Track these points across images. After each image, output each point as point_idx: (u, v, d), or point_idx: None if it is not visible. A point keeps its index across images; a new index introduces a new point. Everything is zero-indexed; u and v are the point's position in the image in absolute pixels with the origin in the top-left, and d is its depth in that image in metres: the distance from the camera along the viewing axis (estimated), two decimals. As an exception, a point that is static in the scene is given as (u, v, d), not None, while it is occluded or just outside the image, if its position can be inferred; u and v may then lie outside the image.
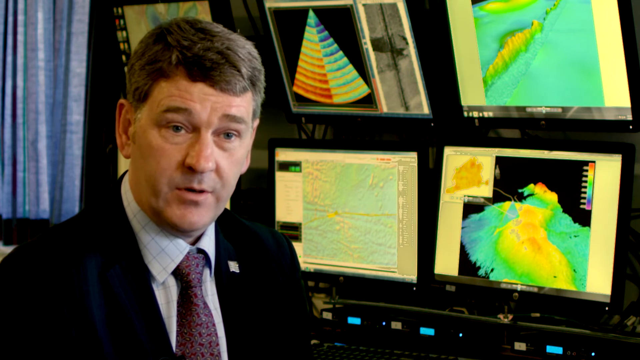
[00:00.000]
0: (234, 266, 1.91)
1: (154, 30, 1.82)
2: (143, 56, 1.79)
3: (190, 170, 1.76)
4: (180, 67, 1.75)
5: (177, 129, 1.76)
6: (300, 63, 3.18)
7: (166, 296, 1.82)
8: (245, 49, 1.79)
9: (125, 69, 1.87)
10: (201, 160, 1.75)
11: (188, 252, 1.84)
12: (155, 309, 1.79)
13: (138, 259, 1.81)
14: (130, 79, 1.81)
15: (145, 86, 1.77)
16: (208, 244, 1.87)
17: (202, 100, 1.75)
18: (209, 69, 1.75)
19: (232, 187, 1.83)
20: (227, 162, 1.79)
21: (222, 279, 1.88)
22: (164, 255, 1.82)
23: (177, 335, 1.81)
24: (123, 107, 1.84)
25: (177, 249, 1.83)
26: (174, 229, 1.81)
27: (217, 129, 1.77)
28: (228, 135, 1.79)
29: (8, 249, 4.17)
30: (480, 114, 2.89)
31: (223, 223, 1.94)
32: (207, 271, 1.87)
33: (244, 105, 1.79)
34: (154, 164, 1.77)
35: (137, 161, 1.81)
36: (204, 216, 1.80)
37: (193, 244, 1.85)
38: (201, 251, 1.86)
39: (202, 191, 1.78)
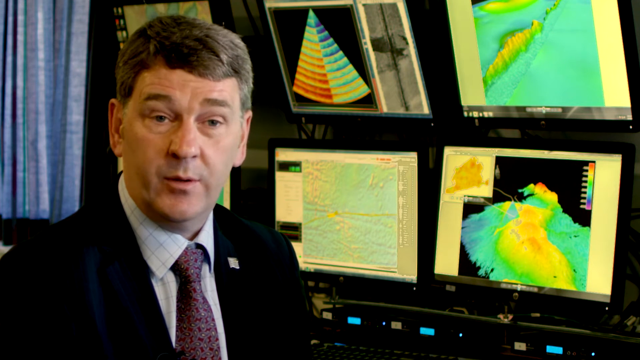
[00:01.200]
0: (233, 262, 1.91)
1: (137, 29, 1.84)
2: (125, 53, 1.81)
3: (174, 157, 1.76)
4: (158, 56, 1.77)
5: (160, 118, 1.77)
6: (300, 63, 3.18)
7: (165, 292, 1.82)
8: (227, 38, 1.80)
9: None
10: (183, 145, 1.75)
11: (186, 247, 1.84)
12: (154, 304, 1.79)
13: (137, 255, 1.81)
14: (116, 77, 1.84)
15: (129, 79, 1.79)
16: (206, 239, 1.87)
17: (182, 87, 1.76)
18: (186, 55, 1.76)
19: (221, 175, 1.82)
20: (212, 149, 1.79)
21: (222, 275, 1.88)
22: (162, 250, 1.82)
23: (176, 331, 1.81)
24: (114, 106, 1.86)
25: (176, 244, 1.83)
26: (166, 220, 1.81)
27: (200, 115, 1.78)
28: (213, 122, 1.79)
29: (8, 249, 4.17)
30: (480, 114, 2.89)
31: (221, 220, 1.94)
32: (206, 267, 1.87)
33: (227, 90, 1.79)
34: (141, 154, 1.77)
35: (127, 156, 1.82)
36: (194, 205, 1.80)
37: (191, 239, 1.85)
38: (200, 247, 1.86)
39: (189, 180, 1.78)
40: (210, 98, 1.77)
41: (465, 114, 2.91)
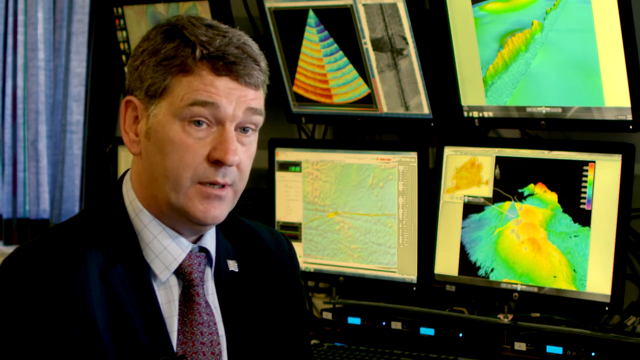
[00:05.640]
0: (233, 265, 1.91)
1: (159, 27, 1.82)
2: (157, 53, 1.79)
3: (215, 164, 1.77)
4: (204, 62, 1.76)
5: (199, 123, 1.77)
6: (300, 63, 3.18)
7: (167, 295, 1.82)
8: (255, 45, 1.83)
9: (126, 68, 1.87)
10: (230, 154, 1.76)
11: (190, 251, 1.84)
12: (156, 308, 1.79)
13: (140, 258, 1.81)
14: (140, 76, 1.80)
15: (164, 82, 1.77)
16: (210, 242, 1.87)
17: (228, 95, 1.77)
18: (232, 63, 1.76)
19: (246, 180, 1.85)
20: (245, 156, 1.81)
21: (222, 277, 1.88)
22: (166, 254, 1.82)
23: (178, 334, 1.81)
24: (130, 104, 1.83)
25: (180, 248, 1.83)
26: (195, 224, 1.81)
27: (240, 123, 1.79)
28: (244, 130, 1.81)
29: (8, 249, 4.18)
30: (480, 114, 2.89)
31: (223, 222, 1.94)
32: (208, 270, 1.87)
33: (261, 98, 1.82)
34: (176, 158, 1.77)
35: (153, 157, 1.79)
36: (224, 210, 1.82)
37: (195, 242, 1.85)
38: (203, 250, 1.86)
39: (223, 185, 1.79)
40: (252, 107, 1.79)
41: (465, 114, 2.91)
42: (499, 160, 2.85)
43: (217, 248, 1.89)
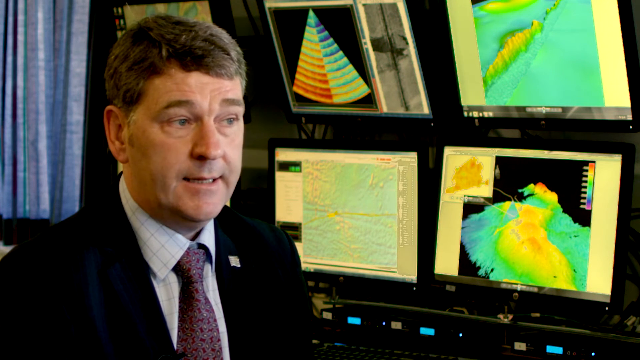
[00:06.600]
0: (234, 261, 1.91)
1: (128, 32, 1.82)
2: (127, 58, 1.79)
3: (199, 159, 1.77)
4: (172, 60, 1.76)
5: (179, 122, 1.77)
6: (300, 63, 3.18)
7: (167, 293, 1.82)
8: (224, 34, 1.82)
9: (105, 75, 1.86)
10: (211, 147, 1.76)
11: (188, 248, 1.84)
12: (156, 306, 1.79)
13: (138, 256, 1.81)
14: (116, 84, 1.81)
15: (137, 86, 1.78)
16: (208, 238, 1.87)
17: (201, 90, 1.76)
18: (201, 56, 1.76)
19: (238, 172, 1.84)
20: (230, 148, 1.81)
21: (223, 274, 1.88)
22: (164, 252, 1.82)
23: (178, 331, 1.81)
24: (111, 113, 1.84)
25: (177, 245, 1.83)
26: (188, 221, 1.81)
27: (218, 115, 1.79)
28: (228, 121, 1.80)
29: (8, 249, 4.17)
30: (480, 114, 2.89)
31: (222, 218, 1.94)
32: (208, 266, 1.87)
33: (238, 88, 1.81)
34: (159, 160, 1.77)
35: (139, 162, 1.80)
36: (217, 204, 1.81)
37: (193, 239, 1.86)
38: (202, 246, 1.86)
39: (213, 180, 1.79)
40: (228, 98, 1.79)
41: (465, 114, 2.91)
42: (499, 160, 2.85)
43: (217, 244, 1.89)
